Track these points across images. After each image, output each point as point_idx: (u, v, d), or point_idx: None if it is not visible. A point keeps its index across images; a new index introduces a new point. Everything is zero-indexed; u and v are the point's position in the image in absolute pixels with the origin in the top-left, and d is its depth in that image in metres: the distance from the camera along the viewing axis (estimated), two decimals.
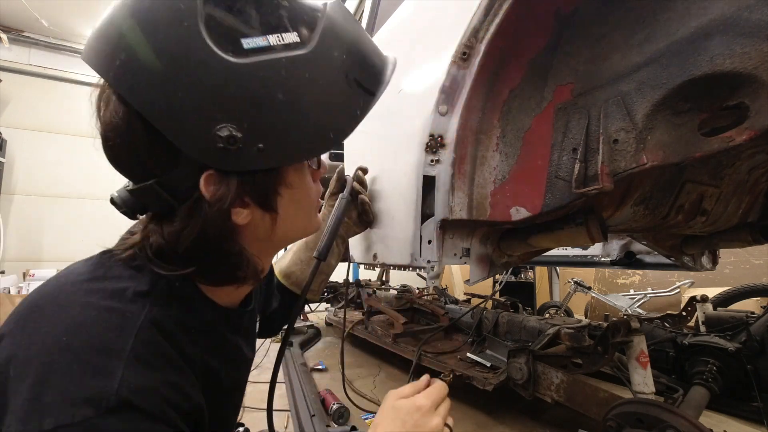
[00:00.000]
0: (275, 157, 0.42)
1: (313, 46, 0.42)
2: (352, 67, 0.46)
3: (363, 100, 0.47)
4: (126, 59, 0.38)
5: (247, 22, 0.39)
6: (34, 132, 4.70)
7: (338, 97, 0.45)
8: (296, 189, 0.49)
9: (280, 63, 0.39)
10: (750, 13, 0.49)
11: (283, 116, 0.40)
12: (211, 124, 0.38)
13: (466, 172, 0.80)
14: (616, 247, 1.74)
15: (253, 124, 0.39)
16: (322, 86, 0.43)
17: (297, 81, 0.41)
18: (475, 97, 0.76)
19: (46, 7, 4.12)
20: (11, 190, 4.54)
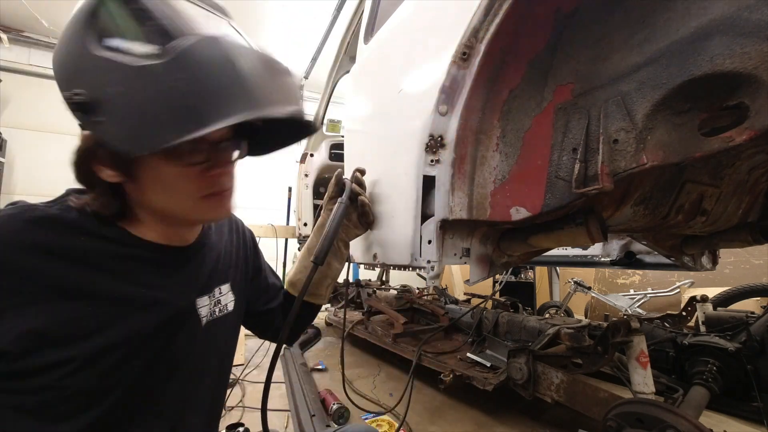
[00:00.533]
0: (108, 135, 0.50)
1: (158, 63, 0.47)
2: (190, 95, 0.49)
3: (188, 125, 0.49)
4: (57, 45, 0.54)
5: (117, 27, 0.49)
6: (34, 132, 4.70)
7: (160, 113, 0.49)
8: (159, 171, 0.55)
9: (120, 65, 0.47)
10: (750, 13, 0.49)
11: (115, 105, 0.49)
12: (69, 86, 0.50)
13: (466, 172, 0.80)
14: (616, 247, 1.74)
15: (94, 100, 0.49)
16: (151, 98, 0.48)
17: (130, 84, 0.48)
18: (475, 97, 0.76)
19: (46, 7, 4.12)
20: (11, 190, 4.53)
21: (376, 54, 1.26)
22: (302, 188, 2.97)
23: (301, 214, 2.98)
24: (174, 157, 0.54)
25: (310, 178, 2.92)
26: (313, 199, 2.92)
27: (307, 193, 2.92)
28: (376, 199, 1.03)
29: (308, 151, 2.98)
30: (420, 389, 2.08)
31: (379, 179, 1.04)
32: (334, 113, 3.03)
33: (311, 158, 2.95)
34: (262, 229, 3.10)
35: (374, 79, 1.25)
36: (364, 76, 1.33)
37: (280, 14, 4.14)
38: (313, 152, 2.95)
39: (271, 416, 1.83)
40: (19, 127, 4.62)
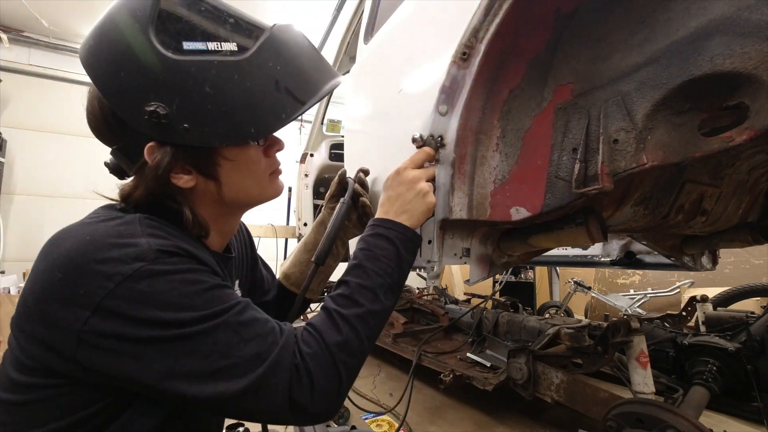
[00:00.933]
0: (198, 137, 0.51)
1: (248, 55, 0.52)
2: (285, 77, 0.56)
3: (290, 106, 0.56)
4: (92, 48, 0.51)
5: (194, 29, 0.50)
6: (34, 132, 4.69)
7: (265, 100, 0.54)
8: (236, 161, 0.57)
9: (211, 64, 0.50)
10: (750, 13, 0.49)
11: (207, 106, 0.50)
12: (144, 101, 0.49)
13: (466, 172, 0.80)
14: (616, 247, 1.74)
15: (180, 107, 0.49)
16: (250, 88, 0.52)
17: (224, 80, 0.50)
18: (475, 97, 0.76)
19: (46, 7, 4.12)
20: (11, 190, 4.53)
21: (376, 54, 1.26)
22: (302, 188, 2.96)
23: (301, 214, 2.98)
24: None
25: (310, 178, 2.91)
26: (313, 199, 2.91)
27: (307, 193, 2.92)
28: (376, 199, 1.03)
29: (308, 151, 2.98)
30: (420, 389, 2.08)
31: (380, 179, 1.04)
32: (334, 113, 3.03)
33: (311, 158, 2.95)
34: (262, 229, 3.10)
35: (374, 79, 1.25)
36: (364, 76, 1.33)
37: (280, 14, 4.14)
38: (313, 152, 2.95)
39: None
40: (19, 127, 4.62)
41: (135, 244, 0.47)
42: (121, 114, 0.50)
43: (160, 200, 0.55)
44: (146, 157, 0.52)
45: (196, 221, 0.57)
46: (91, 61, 0.51)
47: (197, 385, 0.45)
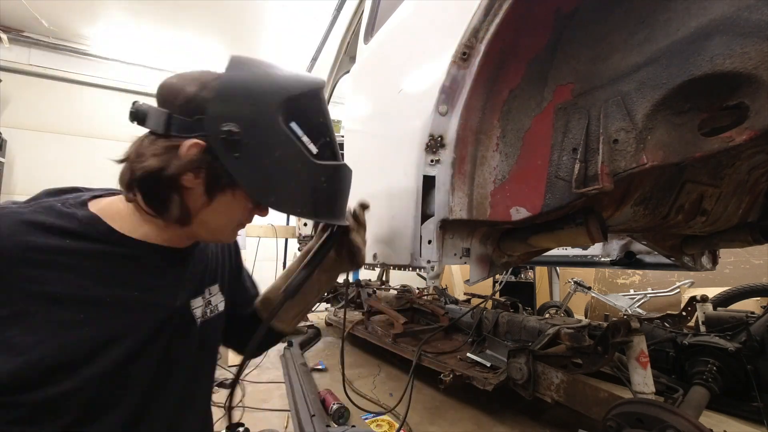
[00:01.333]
0: (235, 169, 0.56)
1: (316, 162, 0.62)
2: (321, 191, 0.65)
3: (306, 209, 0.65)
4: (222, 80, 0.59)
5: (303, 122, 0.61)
6: (34, 132, 4.69)
7: (298, 190, 0.63)
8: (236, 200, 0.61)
9: (294, 144, 0.60)
10: (750, 13, 0.49)
11: (264, 160, 0.58)
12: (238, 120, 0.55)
13: (466, 172, 0.80)
14: (616, 247, 1.74)
15: (249, 144, 0.56)
16: (297, 178, 0.62)
17: (290, 159, 0.60)
18: (475, 97, 0.76)
19: (46, 7, 4.11)
20: (11, 190, 4.53)
21: (376, 54, 1.26)
22: None
23: None
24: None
25: None
26: None
27: None
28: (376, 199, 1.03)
29: None
30: (420, 389, 2.08)
31: (380, 179, 1.04)
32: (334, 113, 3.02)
33: None
34: (262, 229, 3.11)
35: (374, 79, 1.25)
36: (364, 76, 1.33)
37: (280, 14, 4.14)
38: None
39: (271, 416, 1.83)
40: (19, 127, 4.61)
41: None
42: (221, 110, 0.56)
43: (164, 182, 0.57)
44: (183, 145, 0.55)
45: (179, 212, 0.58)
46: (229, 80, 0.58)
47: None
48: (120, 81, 5.03)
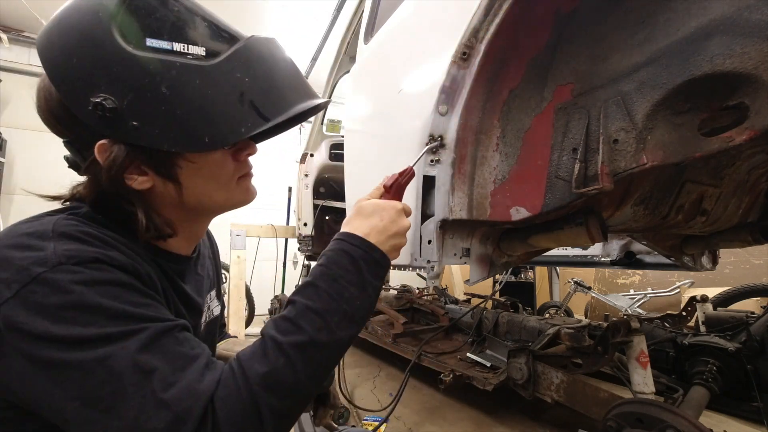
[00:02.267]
0: (147, 138, 0.47)
1: (215, 62, 0.49)
2: (251, 90, 0.52)
3: (252, 120, 0.52)
4: (49, 32, 0.47)
5: (162, 28, 0.47)
6: (34, 132, 4.69)
7: (225, 110, 0.50)
8: (198, 164, 0.52)
9: (173, 65, 0.47)
10: (750, 13, 0.49)
11: (161, 107, 0.47)
12: (92, 91, 0.45)
13: (466, 172, 0.80)
14: (616, 247, 1.74)
15: (131, 103, 0.46)
16: (211, 95, 0.49)
17: (184, 83, 0.47)
18: (475, 97, 0.76)
19: (46, 7, 4.11)
20: (11, 190, 4.53)
21: (376, 54, 1.26)
22: (302, 188, 2.96)
23: (301, 214, 2.98)
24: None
25: (310, 178, 2.91)
26: (313, 199, 2.92)
27: (307, 193, 2.92)
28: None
29: (308, 151, 2.98)
30: (420, 389, 2.08)
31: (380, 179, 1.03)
32: (334, 113, 3.03)
33: (311, 158, 2.95)
34: (262, 229, 3.10)
35: (374, 79, 1.25)
36: (364, 76, 1.33)
37: (280, 14, 4.14)
38: (313, 152, 2.95)
39: None
40: (19, 127, 4.61)
41: (39, 248, 0.42)
42: (67, 101, 0.46)
43: (114, 201, 0.50)
44: (97, 154, 0.48)
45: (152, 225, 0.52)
46: (44, 44, 0.47)
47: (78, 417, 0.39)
48: None
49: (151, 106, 0.46)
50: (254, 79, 0.52)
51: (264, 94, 0.53)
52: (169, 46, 0.47)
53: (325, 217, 2.99)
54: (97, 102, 0.44)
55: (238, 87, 0.51)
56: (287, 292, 3.67)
